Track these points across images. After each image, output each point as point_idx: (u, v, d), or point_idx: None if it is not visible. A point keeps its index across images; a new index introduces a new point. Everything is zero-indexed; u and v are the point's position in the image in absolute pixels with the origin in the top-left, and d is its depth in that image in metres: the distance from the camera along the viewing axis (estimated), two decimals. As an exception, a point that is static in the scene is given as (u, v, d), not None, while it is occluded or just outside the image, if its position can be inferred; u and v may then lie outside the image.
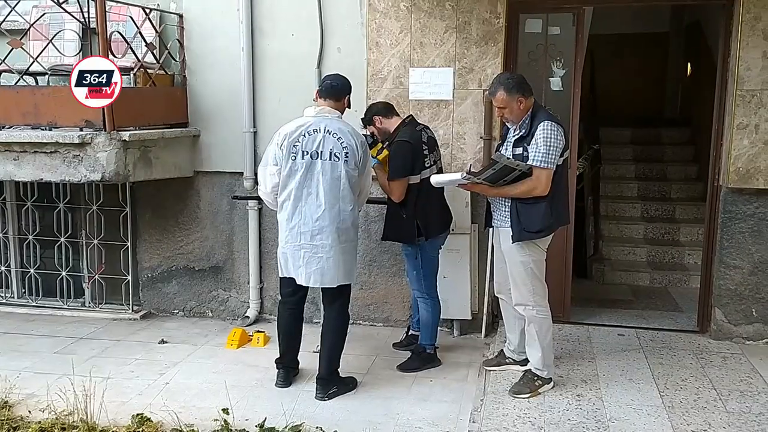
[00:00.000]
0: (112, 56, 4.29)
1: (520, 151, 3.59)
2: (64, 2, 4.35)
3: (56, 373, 4.18)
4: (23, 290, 5.74)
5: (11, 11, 4.53)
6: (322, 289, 3.90)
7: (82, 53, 4.83)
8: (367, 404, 3.79)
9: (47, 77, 4.70)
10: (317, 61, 4.83)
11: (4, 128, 4.50)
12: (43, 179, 4.43)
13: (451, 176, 3.73)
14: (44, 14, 4.75)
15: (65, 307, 5.53)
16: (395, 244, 4.67)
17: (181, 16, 5.02)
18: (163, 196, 5.26)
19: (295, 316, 4.03)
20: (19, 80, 4.57)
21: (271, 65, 4.96)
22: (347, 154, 3.71)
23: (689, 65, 8.42)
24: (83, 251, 5.55)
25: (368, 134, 4.29)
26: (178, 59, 5.04)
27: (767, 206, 4.45)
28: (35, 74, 4.73)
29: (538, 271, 3.72)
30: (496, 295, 4.09)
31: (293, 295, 3.97)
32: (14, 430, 3.46)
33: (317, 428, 3.45)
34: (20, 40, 4.47)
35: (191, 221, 5.29)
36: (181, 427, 3.44)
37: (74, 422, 3.48)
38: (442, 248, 4.35)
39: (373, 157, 4.10)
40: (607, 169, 7.35)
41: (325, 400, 3.82)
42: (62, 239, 5.50)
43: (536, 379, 3.80)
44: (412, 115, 4.34)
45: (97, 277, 5.49)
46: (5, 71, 4.71)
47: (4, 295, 5.71)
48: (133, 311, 5.42)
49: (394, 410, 3.71)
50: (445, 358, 4.37)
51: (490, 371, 4.08)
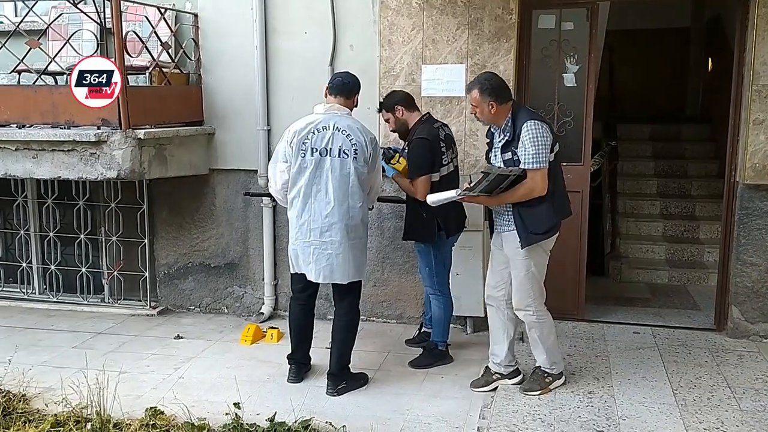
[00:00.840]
0: (127, 56, 4.36)
1: (509, 156, 3.53)
2: (80, 3, 4.43)
3: (73, 367, 4.26)
4: (44, 286, 5.85)
5: (29, 12, 4.61)
6: (332, 285, 3.92)
7: (99, 53, 4.91)
8: (377, 400, 3.81)
9: (65, 77, 4.77)
10: (330, 58, 4.86)
11: (23, 127, 4.59)
12: (61, 177, 4.51)
13: (446, 194, 3.63)
14: (61, 15, 4.84)
15: (85, 302, 5.62)
16: (408, 241, 4.68)
17: (196, 15, 5.07)
18: (179, 193, 5.33)
19: (306, 312, 4.05)
20: (37, 80, 4.65)
21: (284, 63, 4.99)
22: (356, 151, 3.72)
23: (710, 61, 8.30)
24: (102, 248, 5.64)
25: (388, 148, 4.31)
26: (193, 58, 5.10)
27: (785, 203, 4.39)
28: (53, 74, 4.81)
29: (539, 274, 3.68)
30: (485, 300, 3.94)
31: (304, 291, 4.00)
32: (30, 422, 3.53)
33: (326, 423, 3.46)
34: (38, 40, 4.56)
35: (207, 218, 5.35)
36: (193, 420, 3.48)
37: (89, 415, 3.54)
38: (454, 245, 4.35)
39: (391, 167, 4.12)
40: (626, 166, 7.28)
41: (335, 395, 3.84)
42: (82, 236, 5.59)
43: (546, 375, 3.78)
44: (428, 112, 4.33)
45: (115, 273, 5.57)
46: (24, 71, 4.80)
47: (25, 291, 5.82)
48: (150, 307, 5.49)
49: (404, 406, 3.72)
50: (457, 355, 4.37)
51: (478, 392, 3.89)
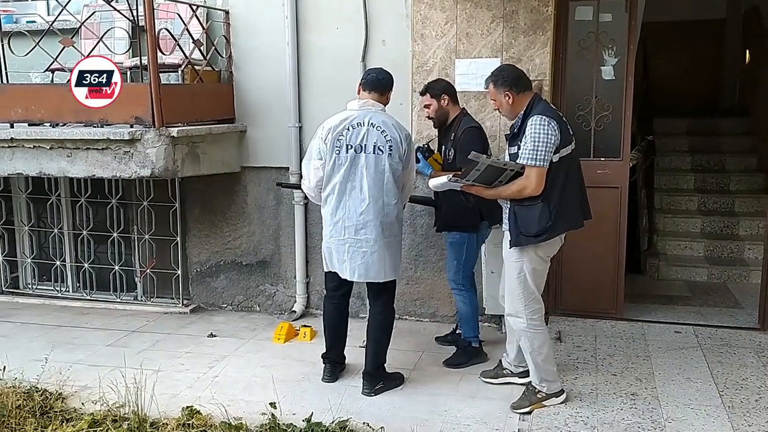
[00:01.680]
0: (160, 53, 4.34)
1: (515, 150, 3.39)
2: (113, 1, 4.42)
3: (109, 365, 4.27)
4: (78, 284, 5.89)
5: (62, 10, 4.62)
6: (367, 284, 3.87)
7: (131, 51, 4.92)
8: (413, 400, 3.75)
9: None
10: (362, 54, 4.80)
11: (57, 125, 4.61)
12: (95, 175, 4.51)
13: (440, 179, 3.54)
14: (94, 13, 4.84)
15: (118, 300, 5.65)
16: (441, 239, 4.61)
17: (227, 12, 5.04)
18: (210, 191, 5.31)
19: (340, 310, 4.01)
20: (71, 78, 4.66)
21: (315, 59, 4.95)
22: (391, 147, 3.66)
23: (747, 53, 8.09)
24: (135, 246, 5.66)
25: (423, 145, 4.26)
26: (224, 55, 5.07)
27: (835, 198, 4.23)
28: (87, 72, 4.81)
29: (533, 281, 3.46)
30: (500, 299, 3.79)
31: (338, 289, 3.95)
32: (67, 421, 3.53)
33: (364, 424, 3.42)
34: (71, 38, 4.56)
35: (238, 216, 5.33)
36: (229, 420, 3.46)
37: (125, 414, 3.53)
38: (485, 242, 4.26)
39: (428, 164, 4.08)
40: (662, 161, 7.12)
41: (371, 395, 3.79)
42: (115, 234, 5.62)
43: (537, 392, 3.58)
44: (465, 108, 4.24)
45: (148, 271, 5.59)
46: (58, 70, 4.82)
47: (59, 288, 5.87)
48: (183, 305, 5.49)
49: (441, 407, 3.66)
50: (492, 354, 4.28)
51: (487, 383, 3.89)
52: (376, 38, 4.79)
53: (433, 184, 3.64)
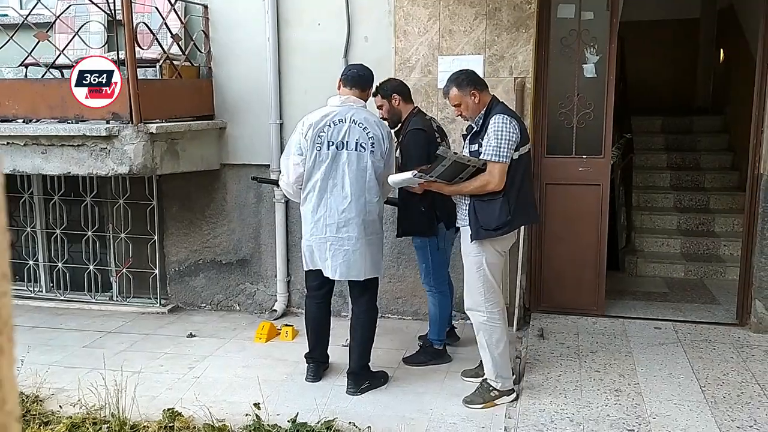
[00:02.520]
0: (138, 48, 4.25)
1: (475, 147, 3.45)
2: (89, -6, 4.32)
3: (86, 367, 4.18)
4: (51, 284, 5.75)
5: (37, 3, 4.50)
6: (349, 282, 3.83)
7: (107, 45, 4.81)
8: (399, 399, 3.73)
9: (73, 70, 4.67)
10: (344, 50, 4.75)
11: (31, 122, 4.49)
12: (71, 173, 4.41)
13: (404, 176, 3.53)
14: (70, 6, 4.73)
15: (93, 301, 5.53)
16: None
17: (206, 6, 4.96)
18: (189, 189, 5.23)
19: (322, 309, 3.96)
20: (45, 73, 4.54)
21: (297, 56, 4.89)
22: (373, 144, 3.63)
23: (722, 52, 8.21)
24: (111, 245, 5.55)
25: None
26: (203, 50, 4.99)
27: (811, 195, 4.30)
28: (62, 67, 4.70)
29: (491, 275, 3.51)
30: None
31: (320, 288, 3.91)
32: (45, 425, 3.44)
33: (350, 423, 3.38)
34: (46, 32, 4.45)
35: (218, 214, 5.26)
36: (212, 421, 3.40)
37: (105, 417, 3.45)
38: (454, 243, 4.24)
39: None
40: (638, 158, 7.18)
41: (357, 394, 3.76)
42: (90, 233, 5.50)
43: (491, 389, 3.61)
44: (418, 106, 4.21)
45: (124, 270, 5.48)
46: (32, 64, 4.69)
47: (32, 289, 5.73)
48: (160, 305, 5.40)
49: (427, 405, 3.64)
50: (477, 351, 4.26)
51: (467, 382, 3.90)
52: (358, 34, 4.75)
53: (392, 180, 3.61)
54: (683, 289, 5.60)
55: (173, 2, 4.73)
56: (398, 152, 4.02)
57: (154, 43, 4.51)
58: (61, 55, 4.46)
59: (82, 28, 4.52)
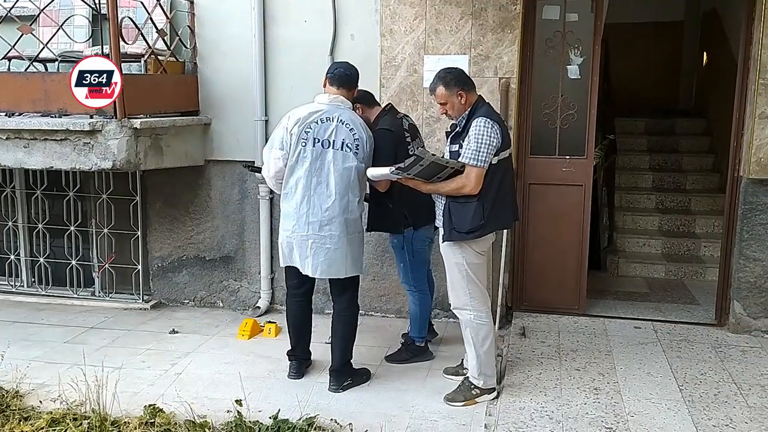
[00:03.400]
0: (122, 42, 4.23)
1: (456, 148, 3.45)
2: (74, -13, 4.30)
3: (67, 362, 4.16)
4: (33, 279, 5.71)
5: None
6: (330, 280, 3.84)
7: (92, 39, 4.78)
8: (381, 396, 3.74)
9: (57, 64, 4.63)
10: (330, 48, 4.76)
11: (14, 115, 4.45)
12: (53, 167, 4.38)
13: (382, 170, 3.55)
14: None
15: (75, 296, 5.50)
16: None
17: (192, 2, 4.95)
18: (173, 185, 5.21)
19: (303, 307, 3.97)
20: (29, 67, 4.52)
21: (283, 53, 4.89)
22: (358, 146, 3.65)
23: (705, 54, 8.29)
24: (93, 240, 5.52)
25: None
26: (189, 46, 4.98)
27: (789, 198, 4.37)
28: (45, 61, 4.66)
29: (474, 274, 3.53)
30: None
31: (300, 287, 3.91)
32: (25, 420, 3.43)
33: (331, 420, 3.39)
34: (30, 25, 4.41)
35: (202, 210, 5.24)
36: (194, 418, 3.40)
37: (86, 413, 3.44)
38: (432, 241, 4.25)
39: None
40: (621, 159, 7.26)
41: (339, 392, 3.77)
42: (72, 228, 5.47)
43: (473, 387, 3.64)
44: (391, 103, 4.22)
45: (107, 266, 5.45)
46: (15, 57, 4.65)
47: (14, 284, 5.69)
48: (143, 301, 5.38)
49: (408, 403, 3.66)
50: (459, 350, 4.30)
51: (449, 379, 3.93)
52: (344, 32, 4.76)
53: (371, 173, 3.62)
54: (664, 289, 5.66)
55: (159, -3, 4.71)
56: None
57: (139, 38, 4.49)
58: (44, 48, 4.43)
59: (66, 21, 4.50)
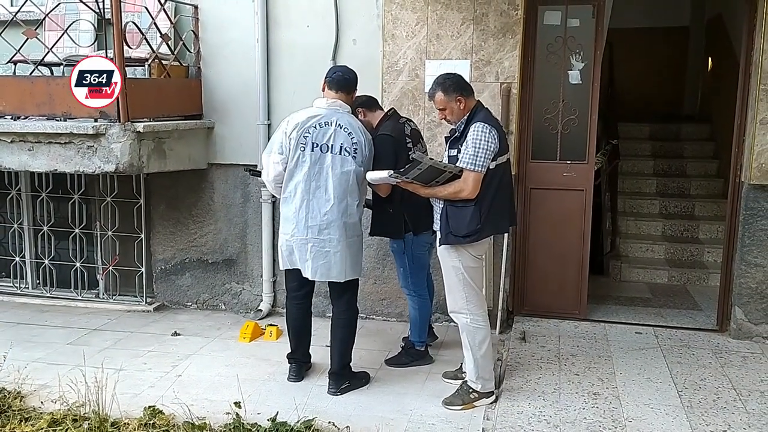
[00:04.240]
0: (126, 47, 4.28)
1: (454, 153, 3.47)
2: (79, -8, 4.34)
3: (69, 364, 4.19)
4: (38, 281, 5.76)
5: (26, 1, 4.51)
6: (329, 283, 3.85)
7: (97, 44, 4.83)
8: (379, 400, 3.75)
9: (62, 68, 4.68)
10: (332, 53, 4.79)
11: (19, 118, 4.50)
12: (57, 170, 4.43)
13: (381, 174, 3.58)
14: (59, 4, 4.75)
15: (79, 298, 5.54)
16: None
17: (196, 7, 4.99)
18: (176, 188, 5.25)
19: (303, 310, 3.99)
20: (34, 70, 4.56)
21: (285, 57, 4.92)
22: (356, 150, 3.67)
23: (710, 60, 8.28)
24: (97, 243, 5.56)
25: None
26: (192, 50, 5.02)
27: (791, 203, 4.35)
28: (50, 65, 4.72)
29: (471, 278, 3.55)
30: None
31: (299, 289, 3.93)
32: (26, 420, 3.45)
33: (329, 423, 3.41)
34: (35, 30, 4.46)
35: (205, 214, 5.28)
36: (192, 420, 3.42)
37: (86, 414, 3.47)
38: (432, 246, 4.25)
39: None
40: (624, 164, 7.24)
41: (337, 395, 3.78)
42: (77, 230, 5.51)
43: (471, 392, 3.65)
44: (394, 108, 4.23)
45: (111, 268, 5.50)
46: (21, 61, 4.71)
47: (18, 285, 5.74)
48: (146, 303, 5.41)
49: (407, 406, 3.67)
50: (459, 354, 4.30)
51: (448, 383, 3.94)
52: (346, 37, 4.79)
53: (370, 176, 3.65)
54: (666, 294, 5.65)
55: (163, 2, 4.76)
56: None
57: (143, 42, 4.54)
58: (49, 52, 4.47)
59: (71, 26, 4.54)
